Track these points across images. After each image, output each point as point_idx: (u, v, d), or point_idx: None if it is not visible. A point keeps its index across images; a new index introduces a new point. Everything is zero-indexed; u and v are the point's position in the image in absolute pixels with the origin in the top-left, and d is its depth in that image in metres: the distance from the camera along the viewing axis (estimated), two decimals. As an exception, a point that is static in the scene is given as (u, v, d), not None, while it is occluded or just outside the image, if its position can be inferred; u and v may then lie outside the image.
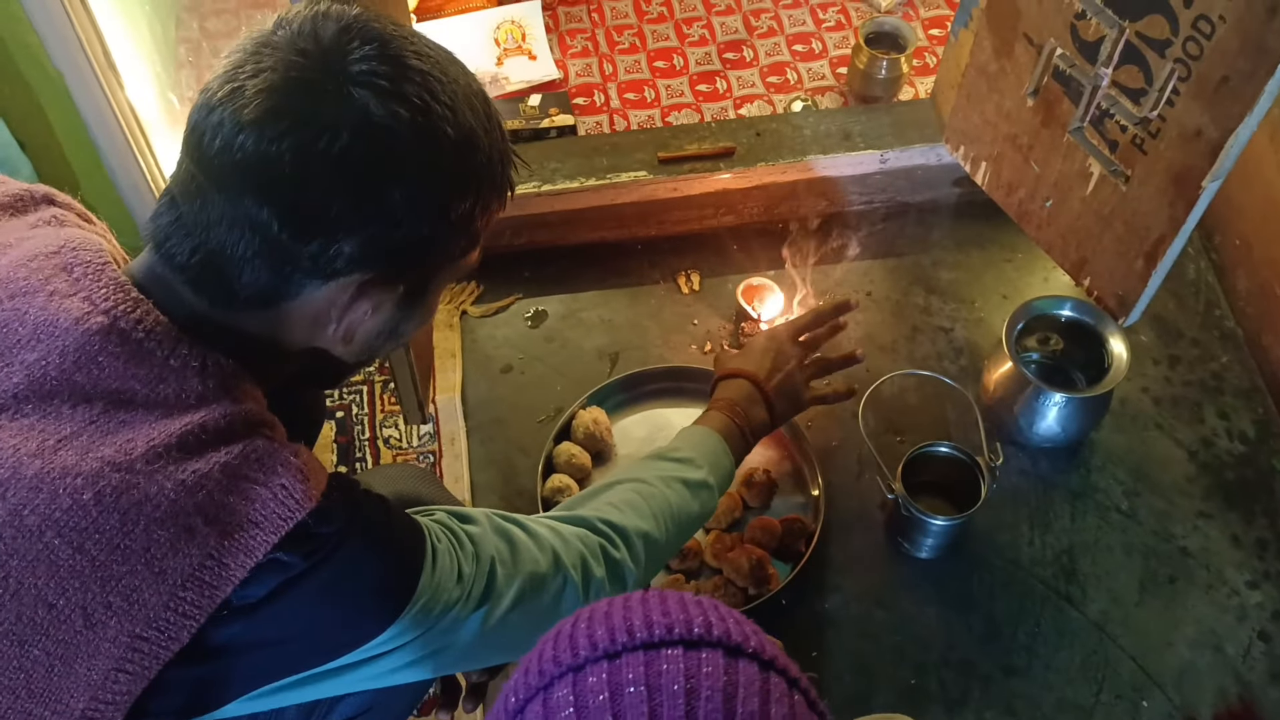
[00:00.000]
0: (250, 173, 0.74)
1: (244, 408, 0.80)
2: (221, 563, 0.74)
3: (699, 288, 1.76)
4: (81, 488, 0.73)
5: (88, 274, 0.79)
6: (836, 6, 2.05)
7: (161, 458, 0.75)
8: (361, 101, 0.74)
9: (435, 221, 0.81)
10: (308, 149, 0.73)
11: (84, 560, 0.73)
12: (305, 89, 0.74)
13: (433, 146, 0.77)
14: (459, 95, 0.79)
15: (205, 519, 0.75)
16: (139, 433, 0.76)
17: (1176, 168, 1.28)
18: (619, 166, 1.72)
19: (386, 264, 0.80)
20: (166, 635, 0.74)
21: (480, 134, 0.81)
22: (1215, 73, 1.18)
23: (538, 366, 1.69)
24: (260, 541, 0.76)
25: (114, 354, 0.77)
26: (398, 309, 0.85)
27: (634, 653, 0.57)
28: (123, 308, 0.77)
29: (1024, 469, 1.58)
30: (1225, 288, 1.75)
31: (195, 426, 0.77)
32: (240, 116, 0.73)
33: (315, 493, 0.79)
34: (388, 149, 0.75)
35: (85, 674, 0.74)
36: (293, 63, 0.74)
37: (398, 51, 0.77)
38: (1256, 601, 1.47)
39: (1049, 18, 1.37)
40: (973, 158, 1.63)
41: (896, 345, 1.70)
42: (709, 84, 1.93)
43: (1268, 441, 1.60)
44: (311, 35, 0.76)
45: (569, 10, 2.05)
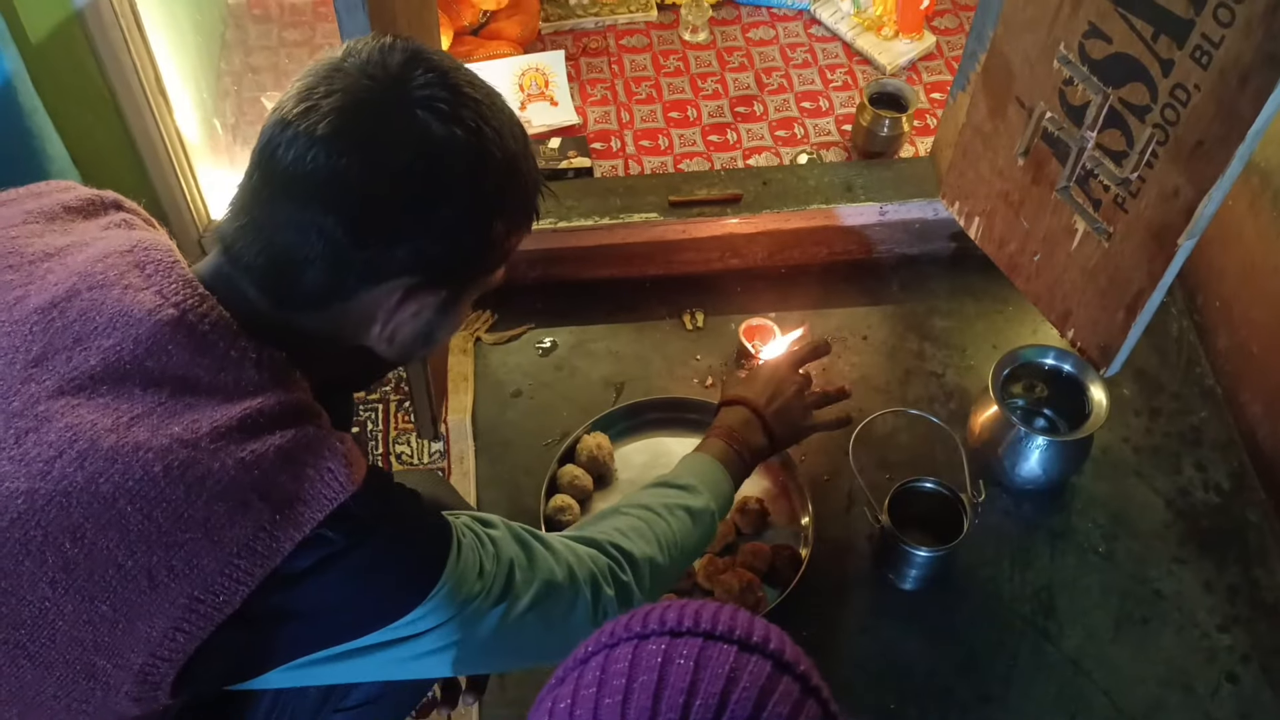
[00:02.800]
0: (319, 183, 0.81)
1: (296, 397, 0.87)
2: (273, 535, 0.81)
3: (703, 325, 1.85)
4: (152, 461, 0.79)
5: (159, 270, 0.86)
6: (844, 68, 2.16)
7: (224, 437, 0.81)
8: (423, 122, 0.82)
9: (477, 235, 0.88)
10: (373, 163, 0.81)
11: (152, 526, 0.79)
12: (373, 110, 0.82)
13: (482, 166, 0.85)
14: (504, 123, 0.87)
15: (260, 495, 0.81)
16: (203, 415, 0.82)
17: (1155, 226, 1.36)
18: (631, 208, 1.81)
19: (432, 272, 0.88)
20: (221, 599, 0.80)
21: (521, 159, 0.88)
22: (1191, 137, 1.27)
23: (546, 393, 1.76)
24: (308, 518, 0.82)
25: (181, 344, 0.83)
26: (435, 314, 0.92)
27: (694, 637, 0.64)
28: (190, 302, 0.84)
29: (1007, 509, 1.65)
30: (1206, 346, 1.83)
31: (254, 411, 0.83)
32: (314, 132, 0.81)
33: (358, 478, 0.85)
34: (445, 165, 0.83)
35: (146, 631, 0.80)
36: (362, 86, 0.83)
37: (455, 81, 0.85)
38: (1226, 644, 1.53)
39: (1040, 83, 1.46)
40: (967, 212, 1.71)
41: (890, 387, 1.78)
42: (720, 135, 2.03)
43: (1242, 493, 1.67)
44: (380, 63, 0.84)
45: (590, 61, 2.15)
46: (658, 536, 1.15)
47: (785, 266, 1.91)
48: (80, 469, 0.79)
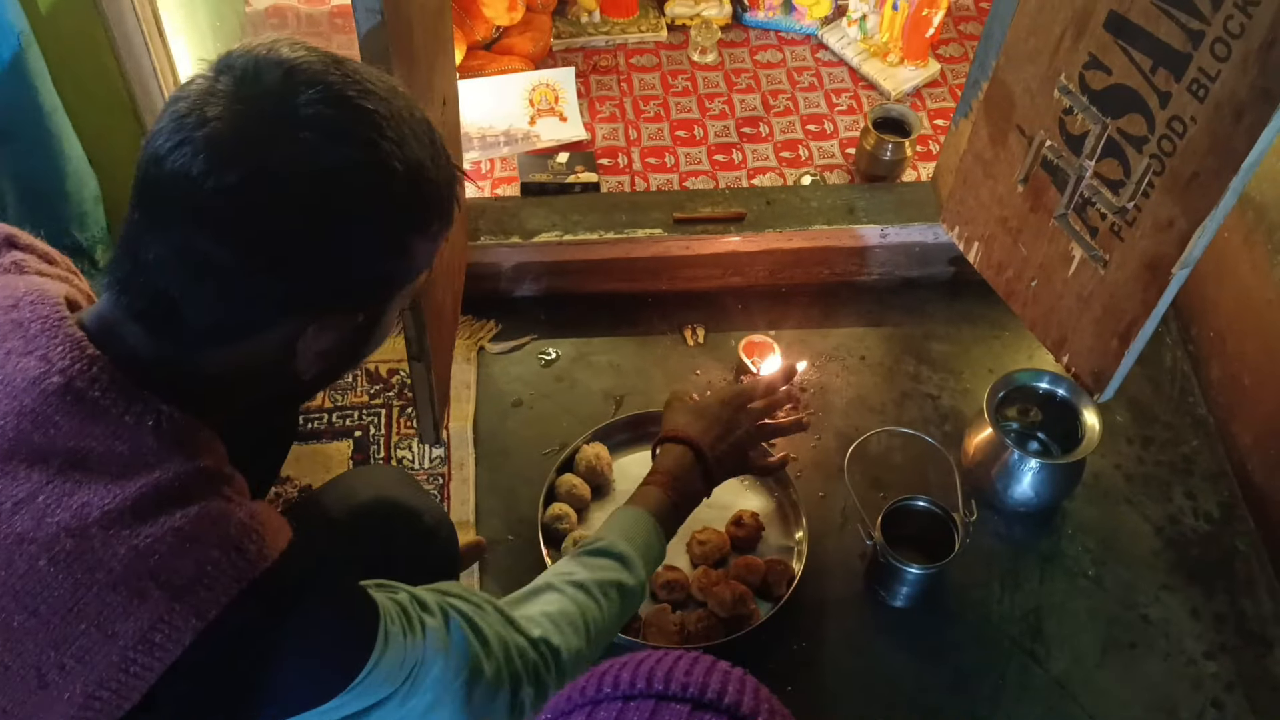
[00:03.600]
0: (204, 219, 0.75)
1: (198, 465, 0.80)
2: (173, 625, 0.75)
3: (703, 341, 1.87)
4: (37, 554, 0.74)
5: (44, 330, 0.80)
6: (849, 92, 2.19)
7: (116, 522, 0.76)
8: (311, 145, 0.75)
9: (389, 252, 0.82)
10: (261, 194, 0.75)
11: (38, 623, 0.74)
12: (255, 137, 0.75)
13: (383, 183, 0.79)
14: (405, 129, 0.80)
15: (157, 582, 0.75)
16: (94, 496, 0.76)
17: (1150, 255, 1.39)
18: (636, 223, 1.84)
19: (345, 296, 0.82)
20: (119, 695, 0.75)
21: (428, 164, 0.82)
22: (1186, 169, 1.30)
23: (547, 404, 1.78)
24: (210, 602, 0.76)
25: (70, 413, 0.77)
26: (356, 335, 0.87)
27: (647, 699, 0.63)
28: (79, 366, 0.78)
29: (998, 532, 1.67)
30: (1199, 377, 1.85)
31: (150, 488, 0.77)
32: (190, 167, 0.74)
33: (270, 553, 0.79)
34: (340, 190, 0.77)
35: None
36: (238, 111, 0.75)
37: (341, 92, 0.78)
38: (1212, 671, 1.54)
39: (1040, 112, 1.49)
40: (966, 237, 1.74)
41: (885, 408, 1.80)
42: (726, 154, 2.06)
43: (1231, 523, 1.69)
44: (255, 80, 0.76)
45: (600, 78, 2.19)
46: (588, 625, 1.11)
47: (786, 285, 1.94)
48: None
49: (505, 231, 1.81)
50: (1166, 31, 1.26)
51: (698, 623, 1.51)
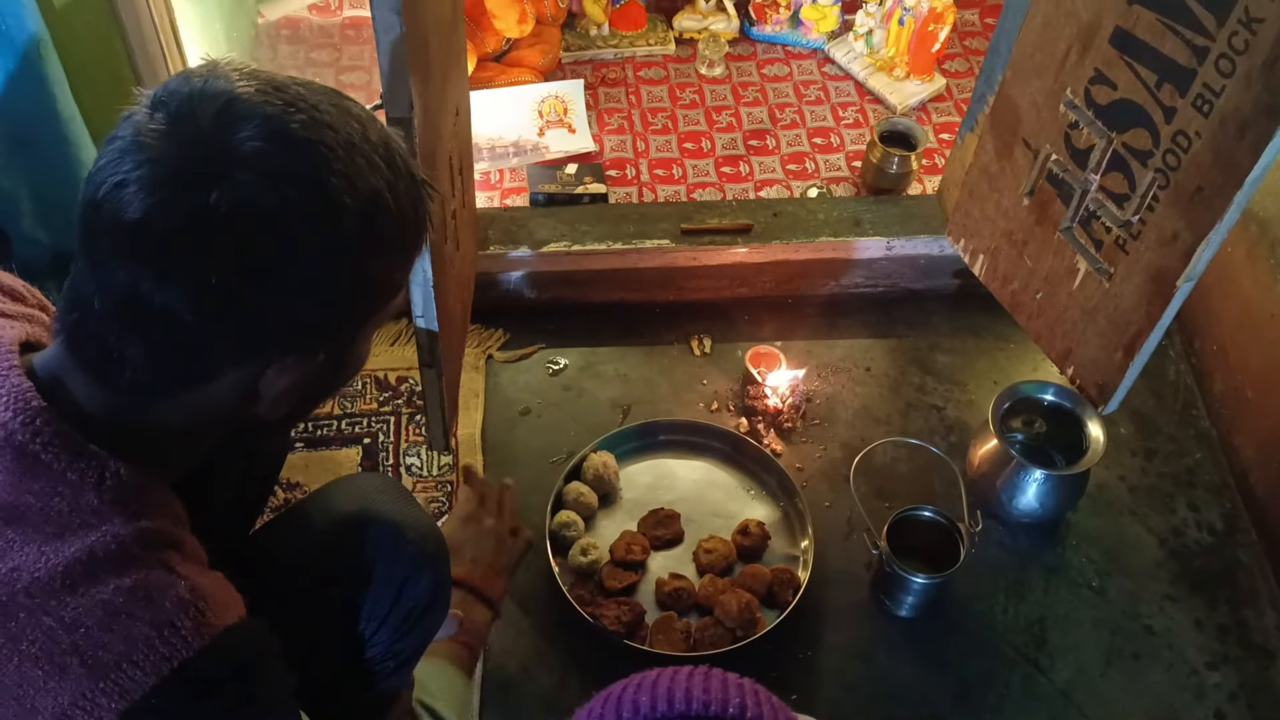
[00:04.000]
0: (147, 262, 0.71)
1: (141, 526, 0.76)
2: (94, 703, 0.71)
3: (710, 351, 1.88)
4: None
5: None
6: (856, 106, 2.21)
7: (43, 592, 0.73)
8: (250, 187, 0.71)
9: (350, 288, 0.78)
10: (202, 238, 0.71)
11: None
12: (192, 180, 0.70)
13: (333, 221, 0.74)
14: (357, 158, 0.75)
15: (80, 659, 0.72)
16: (26, 559, 0.73)
17: (1154, 268, 1.40)
18: (644, 234, 1.85)
19: (304, 336, 0.78)
20: None
21: (385, 192, 0.77)
22: (1191, 183, 1.31)
23: (554, 412, 1.80)
24: (137, 683, 0.72)
25: (8, 468, 0.74)
26: (324, 369, 0.83)
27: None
28: (20, 420, 0.75)
29: (1003, 542, 1.68)
30: (1202, 390, 1.86)
31: (84, 554, 0.74)
32: (127, 215, 0.70)
33: (207, 633, 0.75)
34: (283, 232, 0.72)
35: None
36: (173, 155, 0.71)
37: (283, 126, 0.72)
38: (1215, 682, 1.55)
39: (1046, 126, 1.51)
40: (972, 250, 1.76)
41: (891, 419, 1.81)
42: (733, 167, 2.08)
43: (1234, 535, 1.70)
44: (190, 119, 0.72)
45: (609, 91, 2.21)
46: None
47: (792, 297, 1.96)
48: None
49: (514, 241, 1.83)
50: (1172, 47, 1.28)
51: (704, 630, 1.52)
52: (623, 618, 1.51)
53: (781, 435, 1.77)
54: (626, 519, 1.66)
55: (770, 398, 1.78)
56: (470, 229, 1.71)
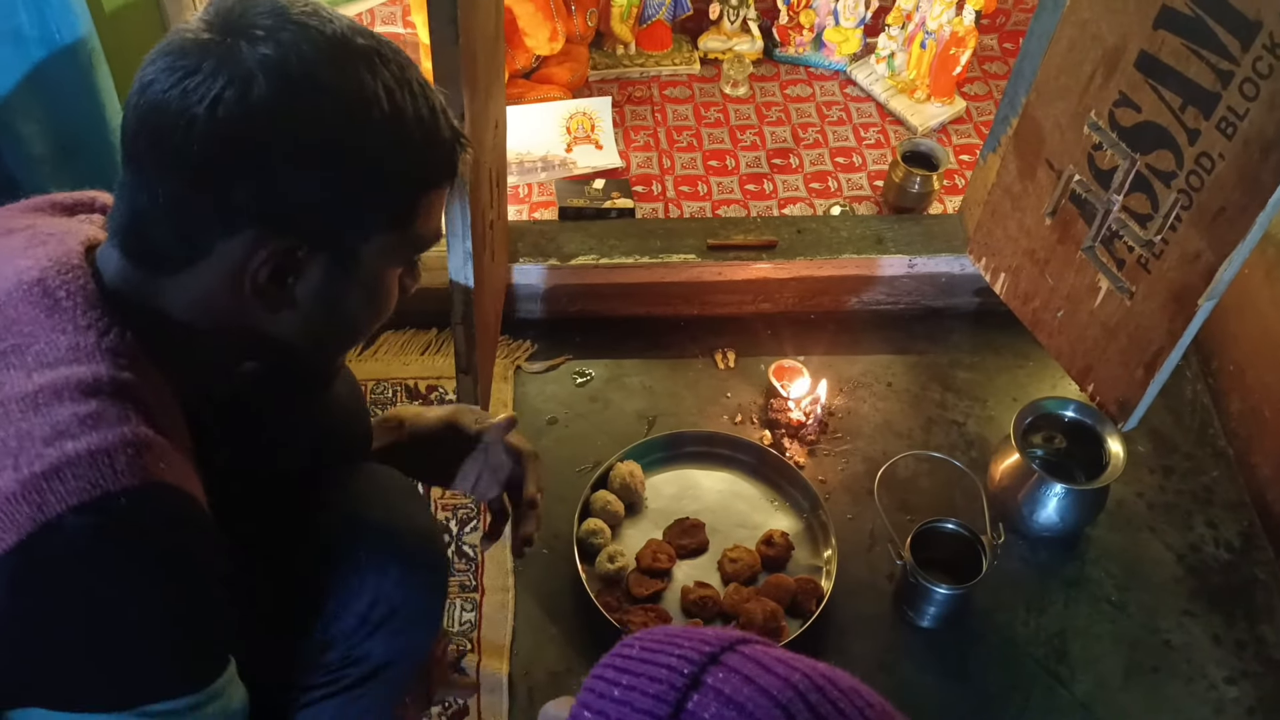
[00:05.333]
0: (147, 129, 0.77)
1: (121, 376, 0.79)
2: (16, 509, 0.72)
3: (734, 365, 1.91)
4: None
5: (54, 244, 0.84)
6: (877, 127, 2.25)
7: (18, 404, 0.76)
8: (237, 49, 0.76)
9: (326, 177, 0.80)
10: (189, 96, 0.75)
11: None
12: (198, 47, 0.76)
13: (307, 95, 0.77)
14: (353, 51, 0.78)
15: (15, 464, 0.74)
16: (14, 378, 0.77)
17: (1176, 287, 1.43)
18: (671, 248, 1.89)
19: (282, 219, 0.80)
20: None
21: (377, 92, 0.79)
22: (1214, 203, 1.34)
23: (581, 422, 1.83)
24: (58, 499, 0.73)
25: (33, 303, 0.80)
26: (327, 283, 0.84)
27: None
28: (57, 267, 0.81)
29: (1024, 556, 1.70)
30: (1219, 409, 1.89)
31: (59, 380, 0.77)
32: (145, 81, 0.77)
33: (144, 476, 0.75)
34: (258, 93, 0.76)
35: None
36: (194, 28, 0.78)
37: (284, 9, 0.78)
38: (1233, 696, 1.57)
39: (1070, 147, 1.54)
40: (993, 268, 1.79)
41: (912, 433, 1.84)
42: (757, 184, 2.11)
43: (1251, 552, 1.72)
44: (217, 7, 0.79)
45: (635, 108, 2.25)
46: None
47: (815, 312, 1.99)
48: None
49: (543, 254, 1.86)
50: (1196, 71, 1.32)
51: (729, 638, 1.54)
52: (649, 624, 1.53)
53: (804, 448, 1.79)
54: (652, 528, 1.68)
55: (793, 411, 1.81)
56: (503, 241, 1.75)
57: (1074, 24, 1.48)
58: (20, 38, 1.38)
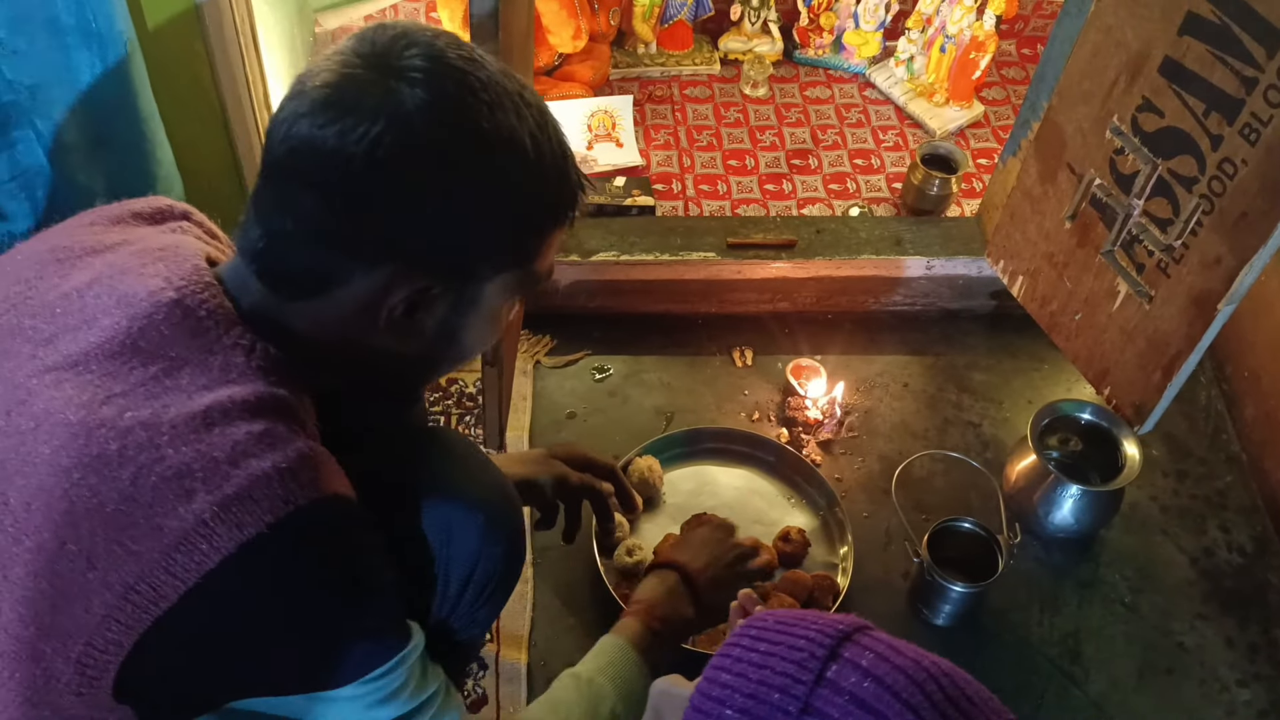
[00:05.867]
0: (300, 158, 0.80)
1: (278, 393, 0.83)
2: (214, 531, 0.77)
3: (751, 363, 1.93)
4: (110, 439, 0.78)
5: (175, 261, 0.87)
6: (896, 130, 2.26)
7: (187, 425, 0.79)
8: (398, 92, 0.79)
9: (468, 217, 0.83)
10: (347, 135, 0.78)
11: (97, 504, 0.77)
12: (354, 83, 0.80)
13: (462, 139, 0.80)
14: (501, 97, 0.82)
15: (206, 487, 0.77)
16: (177, 399, 0.80)
17: (1196, 291, 1.44)
18: (691, 246, 1.90)
19: (422, 256, 0.84)
20: (156, 593, 0.77)
21: (521, 139, 0.82)
22: (1235, 209, 1.35)
23: (599, 417, 1.84)
24: (254, 520, 0.77)
25: (176, 324, 0.83)
26: (450, 314, 0.88)
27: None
28: (193, 288, 0.84)
29: (1039, 557, 1.71)
30: (1233, 415, 1.90)
31: (226, 400, 0.81)
32: (298, 112, 0.80)
33: (322, 488, 0.80)
34: (419, 137, 0.79)
35: (83, 617, 0.77)
36: (349, 62, 0.81)
37: (443, 51, 0.81)
38: (1245, 699, 1.58)
39: (1091, 151, 1.55)
40: (1011, 271, 1.80)
41: (928, 434, 1.85)
42: (776, 184, 2.13)
43: (1264, 557, 1.73)
44: (369, 41, 0.82)
45: (655, 107, 2.26)
46: None
47: (832, 312, 2.00)
48: (48, 442, 0.79)
49: (565, 250, 1.87)
50: (1221, 78, 1.33)
51: (746, 632, 1.55)
52: (667, 617, 1.54)
53: (821, 446, 1.81)
54: (669, 523, 1.70)
55: (810, 409, 1.82)
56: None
57: (1098, 29, 1.50)
58: (57, 26, 1.40)
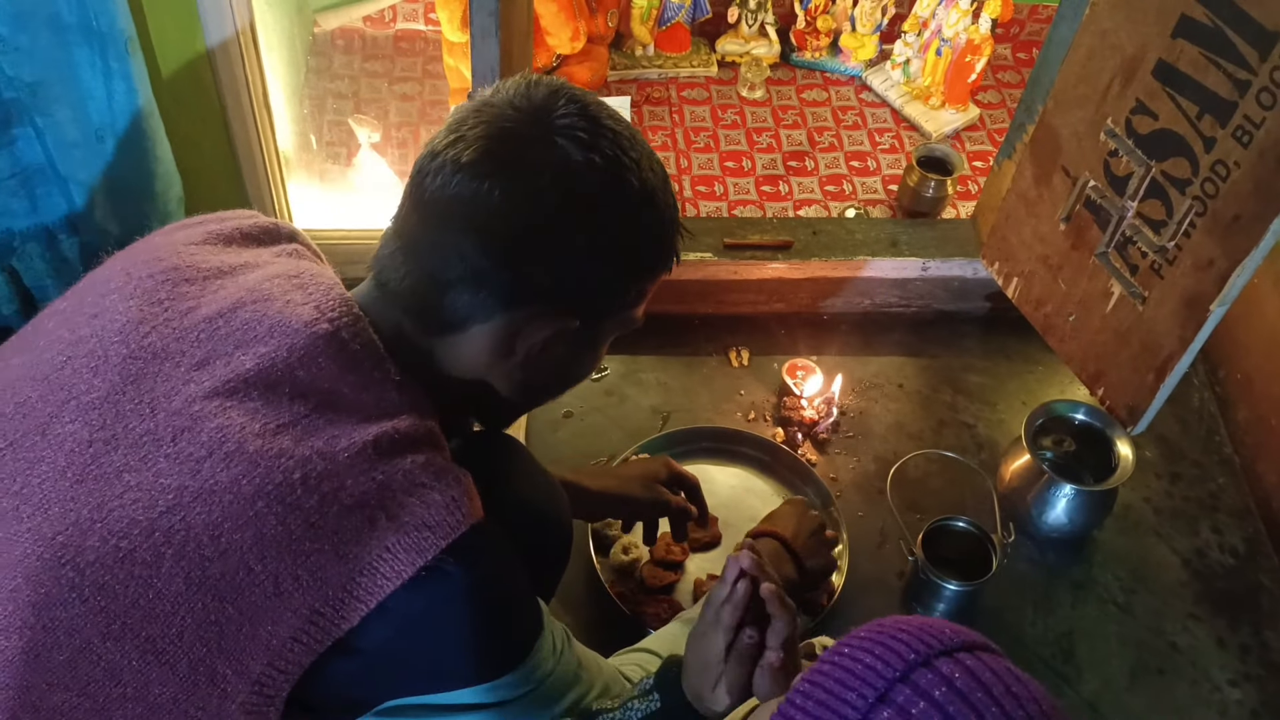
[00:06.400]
0: (463, 206, 0.86)
1: (428, 424, 0.90)
2: (397, 556, 0.82)
3: (748, 363, 1.94)
4: (293, 468, 0.82)
5: (319, 289, 0.92)
6: (892, 132, 2.27)
7: (360, 455, 0.84)
8: (563, 149, 0.87)
9: (613, 264, 0.92)
10: (512, 186, 0.86)
11: (284, 532, 0.81)
12: (515, 137, 0.87)
13: (618, 194, 0.89)
14: (643, 156, 0.92)
15: (387, 515, 0.83)
16: (343, 431, 0.85)
17: (1189, 292, 1.45)
18: (687, 247, 1.83)
19: (567, 299, 0.92)
20: (340, 614, 0.81)
21: (659, 194, 0.93)
22: (1229, 211, 1.37)
23: (596, 416, 1.85)
24: (431, 544, 0.83)
25: (333, 358, 0.87)
26: (571, 349, 0.96)
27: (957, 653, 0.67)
28: (345, 320, 0.89)
29: (1032, 558, 1.72)
30: (1226, 418, 1.91)
31: (390, 431, 0.86)
32: (459, 159, 0.86)
33: (477, 512, 0.87)
34: (581, 191, 0.88)
35: (266, 638, 0.81)
36: (507, 116, 0.88)
37: (595, 113, 0.90)
38: (1236, 699, 1.59)
39: (1086, 154, 1.56)
40: (1006, 273, 1.81)
41: (923, 434, 1.86)
42: (773, 186, 2.14)
43: (1256, 559, 1.74)
44: (525, 96, 0.89)
45: (653, 109, 2.27)
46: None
47: (828, 313, 2.01)
48: (226, 469, 0.82)
49: (562, 250, 1.88)
50: (1214, 81, 1.34)
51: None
52: (662, 614, 1.55)
53: (816, 446, 1.82)
54: (665, 522, 1.70)
55: (806, 409, 1.83)
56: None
57: (1093, 33, 1.51)
58: (59, 24, 1.40)
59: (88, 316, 0.93)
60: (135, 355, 0.88)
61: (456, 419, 0.99)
